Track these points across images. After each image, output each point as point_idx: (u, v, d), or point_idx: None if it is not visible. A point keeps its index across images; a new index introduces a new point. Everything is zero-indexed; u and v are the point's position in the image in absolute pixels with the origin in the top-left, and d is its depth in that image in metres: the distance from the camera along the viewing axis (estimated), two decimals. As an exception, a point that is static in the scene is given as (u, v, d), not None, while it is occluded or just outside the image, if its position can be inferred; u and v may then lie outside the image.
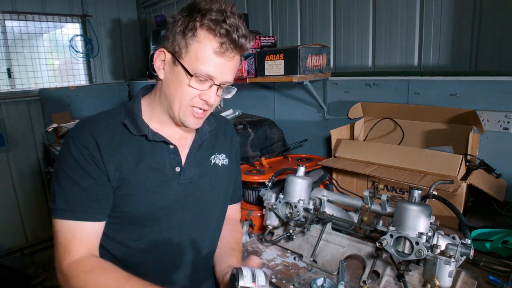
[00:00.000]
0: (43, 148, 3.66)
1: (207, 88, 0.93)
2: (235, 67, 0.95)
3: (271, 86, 2.54)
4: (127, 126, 0.97)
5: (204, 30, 0.88)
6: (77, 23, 3.87)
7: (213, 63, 0.89)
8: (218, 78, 0.92)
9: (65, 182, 0.91)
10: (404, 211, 0.97)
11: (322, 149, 2.26)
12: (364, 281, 1.05)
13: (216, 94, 0.95)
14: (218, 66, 0.90)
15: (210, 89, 0.93)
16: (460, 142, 1.56)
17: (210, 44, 0.88)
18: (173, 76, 0.93)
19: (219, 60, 0.90)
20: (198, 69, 0.89)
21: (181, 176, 1.02)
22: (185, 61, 0.90)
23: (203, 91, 0.93)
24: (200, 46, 0.88)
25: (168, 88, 0.94)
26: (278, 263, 1.22)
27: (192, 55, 0.89)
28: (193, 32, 0.88)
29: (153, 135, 0.99)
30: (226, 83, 0.96)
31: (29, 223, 3.71)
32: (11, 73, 3.47)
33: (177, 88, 0.93)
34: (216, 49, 0.88)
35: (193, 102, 0.94)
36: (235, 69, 0.96)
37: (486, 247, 1.16)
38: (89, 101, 3.78)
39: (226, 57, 0.90)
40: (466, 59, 1.70)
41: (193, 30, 0.88)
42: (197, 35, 0.88)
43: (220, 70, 0.91)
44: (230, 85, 0.99)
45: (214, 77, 0.91)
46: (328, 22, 2.22)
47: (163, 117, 1.01)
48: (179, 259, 1.04)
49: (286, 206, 1.27)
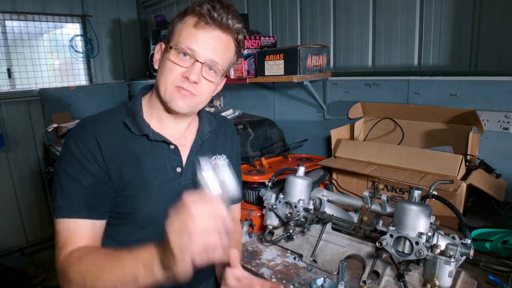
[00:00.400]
0: (43, 148, 3.66)
1: (189, 65, 0.92)
2: (220, 46, 0.94)
3: (271, 86, 2.54)
4: (128, 126, 0.97)
5: (190, 13, 0.93)
6: (77, 23, 3.86)
7: (193, 37, 0.92)
8: (200, 54, 0.92)
9: (66, 181, 0.90)
10: (404, 211, 0.97)
11: (322, 149, 2.26)
12: (364, 281, 1.05)
13: (200, 72, 0.93)
14: (199, 40, 0.92)
15: (193, 66, 0.92)
16: (460, 142, 1.56)
17: (191, 20, 0.92)
18: (161, 60, 0.98)
19: (199, 34, 0.92)
20: (179, 42, 0.92)
21: (182, 177, 1.02)
22: (171, 42, 0.95)
23: (185, 67, 0.92)
24: (183, 25, 0.93)
25: (157, 73, 0.98)
26: (278, 263, 1.22)
27: (176, 35, 0.94)
28: (180, 17, 0.95)
29: (154, 134, 0.98)
30: (210, 61, 0.93)
31: (29, 223, 3.71)
32: (11, 73, 3.47)
33: (162, 68, 0.95)
34: (195, 22, 0.92)
35: (177, 80, 0.93)
36: (220, 48, 0.94)
37: (486, 247, 1.16)
38: (89, 101, 3.78)
39: (206, 30, 0.92)
40: (466, 59, 1.70)
41: (181, 15, 0.95)
42: (182, 18, 0.94)
43: (202, 45, 0.92)
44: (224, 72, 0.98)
45: (194, 50, 0.91)
46: (328, 22, 2.22)
47: (160, 111, 1.01)
48: None
49: (286, 206, 1.27)
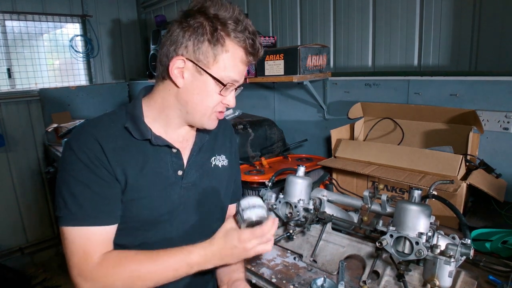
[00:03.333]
0: (43, 148, 3.66)
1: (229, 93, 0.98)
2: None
3: (271, 86, 2.54)
4: (129, 130, 0.96)
5: (231, 40, 0.90)
6: (77, 23, 3.86)
7: (238, 70, 0.94)
8: (239, 83, 0.98)
9: (75, 187, 0.88)
10: (404, 211, 0.97)
11: (322, 149, 2.26)
12: (364, 281, 1.05)
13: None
14: (242, 73, 0.97)
15: (231, 93, 0.98)
16: (460, 142, 1.56)
17: (238, 53, 0.92)
18: (197, 85, 0.93)
19: (243, 67, 0.96)
20: (227, 77, 0.93)
21: (183, 180, 1.02)
22: (213, 70, 0.91)
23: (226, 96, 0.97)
24: (228, 56, 0.91)
25: (192, 96, 0.94)
26: (278, 263, 1.22)
27: (221, 65, 0.91)
28: (222, 42, 0.90)
29: (156, 139, 0.97)
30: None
31: (29, 223, 3.71)
32: (11, 73, 3.47)
33: (203, 97, 0.94)
34: (243, 57, 0.93)
35: (218, 107, 0.98)
36: None
37: (486, 247, 1.16)
38: (89, 101, 3.78)
39: (248, 63, 0.97)
40: (466, 59, 1.70)
41: (221, 40, 0.89)
42: (225, 45, 0.90)
43: (242, 76, 0.97)
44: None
45: (238, 82, 0.97)
46: (328, 22, 2.22)
47: (175, 120, 1.00)
48: None
49: (286, 206, 1.27)
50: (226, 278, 1.07)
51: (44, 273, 3.58)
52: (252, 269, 1.19)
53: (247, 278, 1.12)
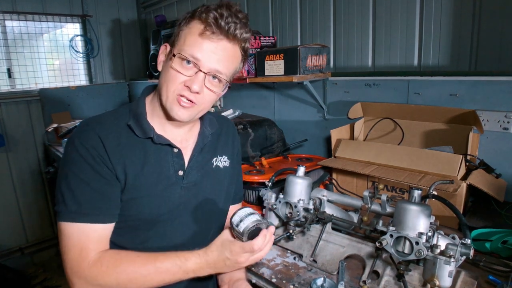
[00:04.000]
0: (43, 148, 3.66)
1: (192, 74, 0.90)
2: (225, 56, 0.92)
3: (271, 86, 2.54)
4: (132, 128, 0.96)
5: (196, 19, 0.91)
6: (77, 23, 3.86)
7: (198, 45, 0.89)
8: (204, 63, 0.89)
9: (75, 184, 0.89)
10: (404, 211, 0.97)
11: (322, 149, 2.26)
12: (364, 281, 1.05)
13: (203, 82, 0.91)
14: (204, 50, 0.89)
15: (196, 75, 0.90)
16: (460, 142, 1.56)
17: (197, 27, 0.90)
18: (165, 64, 0.95)
19: (205, 44, 0.89)
20: (183, 51, 0.90)
21: (184, 180, 1.02)
22: (175, 48, 0.92)
23: (188, 76, 0.90)
24: (189, 30, 0.91)
25: (161, 77, 0.96)
26: (278, 263, 1.22)
27: (181, 40, 0.92)
28: (187, 21, 0.92)
29: (158, 138, 0.97)
30: (214, 72, 0.91)
31: (29, 223, 3.71)
32: (11, 73, 3.47)
33: (165, 74, 0.93)
34: (201, 31, 0.89)
35: (178, 89, 0.91)
36: (225, 58, 0.92)
37: (486, 247, 1.16)
38: (89, 101, 3.78)
39: (212, 40, 0.89)
40: (466, 59, 1.70)
41: (188, 19, 0.92)
42: (189, 23, 0.92)
43: (207, 55, 0.89)
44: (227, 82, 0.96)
45: (198, 59, 0.89)
46: (328, 22, 2.22)
47: (161, 114, 0.99)
48: None
49: (286, 206, 1.27)
50: (227, 278, 1.07)
51: (44, 273, 3.58)
52: (252, 269, 1.19)
53: (247, 278, 1.13)
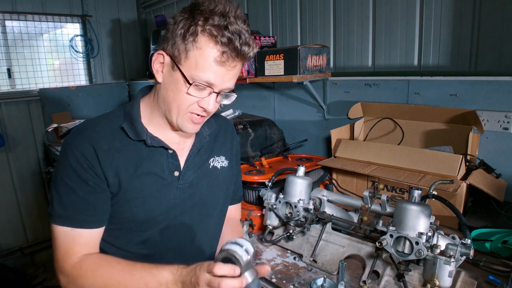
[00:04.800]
0: (43, 148, 3.66)
1: (206, 95, 0.90)
2: (236, 75, 0.92)
3: (271, 86, 2.54)
4: (125, 131, 0.95)
5: (206, 36, 0.83)
6: (77, 23, 3.86)
7: (213, 71, 0.86)
8: (218, 86, 0.89)
9: (63, 189, 0.91)
10: (404, 211, 0.97)
11: (322, 149, 2.26)
12: (364, 281, 1.05)
13: (215, 101, 0.92)
14: (219, 75, 0.87)
15: (209, 97, 0.90)
16: (460, 142, 1.56)
17: (211, 51, 0.84)
18: (171, 81, 0.89)
19: (219, 69, 0.86)
20: (198, 76, 0.86)
21: (180, 181, 1.01)
22: (184, 67, 0.86)
23: (201, 98, 0.90)
24: (200, 53, 0.84)
25: (166, 92, 0.91)
26: (278, 263, 1.22)
27: (192, 62, 0.85)
28: (194, 37, 0.83)
29: (152, 140, 0.97)
30: (225, 90, 0.92)
31: (29, 223, 3.71)
32: (11, 73, 3.47)
33: (175, 94, 0.89)
34: (217, 57, 0.84)
35: (191, 108, 0.91)
36: (236, 76, 0.92)
37: (486, 247, 1.16)
38: (89, 101, 3.78)
39: (227, 66, 0.86)
40: (466, 59, 1.70)
41: (194, 35, 0.83)
42: (197, 41, 0.84)
43: (221, 79, 0.88)
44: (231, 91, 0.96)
45: (213, 84, 0.88)
46: (328, 22, 2.22)
47: (161, 121, 0.99)
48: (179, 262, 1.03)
49: (286, 206, 1.27)
50: None
51: (44, 273, 3.58)
52: (252, 269, 1.19)
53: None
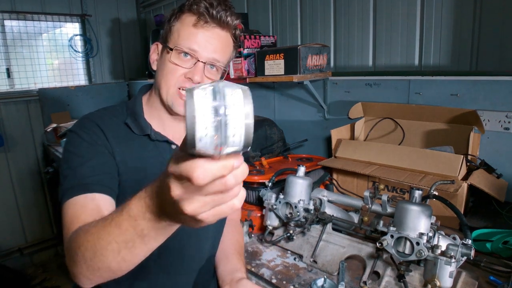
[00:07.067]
0: (42, 148, 3.65)
1: (191, 66, 0.92)
2: (220, 44, 0.93)
3: (271, 86, 2.54)
4: (129, 126, 0.97)
5: (186, 12, 0.92)
6: (77, 23, 3.85)
7: (193, 37, 0.90)
8: (201, 53, 0.91)
9: (77, 162, 0.86)
10: (404, 212, 0.96)
11: (322, 149, 2.26)
12: (364, 281, 1.05)
13: (202, 72, 0.93)
14: (200, 40, 0.91)
15: (195, 66, 0.92)
16: (461, 142, 1.55)
17: (189, 20, 0.91)
18: (160, 61, 0.96)
19: (198, 33, 0.90)
20: (179, 43, 0.91)
21: None
22: (169, 43, 0.93)
23: (187, 68, 0.92)
24: (181, 24, 0.92)
25: (157, 74, 0.96)
26: (278, 264, 1.22)
27: (175, 35, 0.93)
28: (177, 15, 0.93)
29: (155, 134, 0.98)
30: (212, 60, 0.93)
31: (28, 224, 3.70)
32: (10, 73, 3.46)
33: (162, 70, 0.94)
34: (194, 21, 0.90)
35: (179, 81, 0.93)
36: (220, 46, 0.94)
37: (487, 248, 1.16)
38: (89, 101, 3.77)
39: (205, 30, 0.90)
40: (467, 58, 1.69)
41: (177, 14, 0.93)
42: (179, 17, 0.93)
43: (203, 45, 0.91)
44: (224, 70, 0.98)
45: (196, 50, 0.91)
46: (328, 22, 2.22)
47: (161, 112, 1.00)
48: (180, 264, 1.03)
49: (286, 207, 1.26)
50: (228, 278, 1.06)
51: (43, 273, 3.57)
52: (252, 269, 1.19)
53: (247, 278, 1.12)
